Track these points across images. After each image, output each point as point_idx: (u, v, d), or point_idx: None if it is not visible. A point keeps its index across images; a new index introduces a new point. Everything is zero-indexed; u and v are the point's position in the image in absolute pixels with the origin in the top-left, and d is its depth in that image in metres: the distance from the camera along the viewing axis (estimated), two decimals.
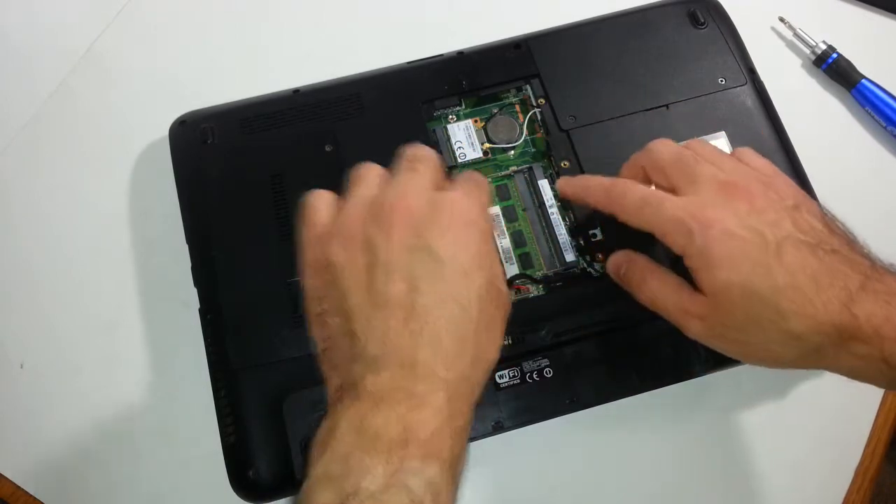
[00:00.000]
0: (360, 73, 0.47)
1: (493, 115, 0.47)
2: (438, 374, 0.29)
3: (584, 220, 0.44)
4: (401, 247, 0.30)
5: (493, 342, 0.32)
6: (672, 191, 0.35)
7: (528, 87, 0.47)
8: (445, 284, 0.30)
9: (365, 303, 0.30)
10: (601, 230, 0.43)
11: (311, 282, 0.32)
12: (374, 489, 0.26)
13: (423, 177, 0.33)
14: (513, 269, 0.43)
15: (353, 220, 0.31)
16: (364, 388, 0.29)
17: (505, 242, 0.43)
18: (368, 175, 0.34)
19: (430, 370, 0.29)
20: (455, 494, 0.29)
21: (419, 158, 0.34)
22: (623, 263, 0.39)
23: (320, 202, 0.33)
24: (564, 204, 0.44)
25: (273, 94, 0.46)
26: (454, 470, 0.29)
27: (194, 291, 0.42)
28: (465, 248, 0.30)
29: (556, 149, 0.45)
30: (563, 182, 0.40)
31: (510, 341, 0.41)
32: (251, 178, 0.44)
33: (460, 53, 0.48)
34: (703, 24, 0.48)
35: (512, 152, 0.46)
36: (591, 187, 0.38)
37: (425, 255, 0.30)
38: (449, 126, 0.46)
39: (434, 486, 0.27)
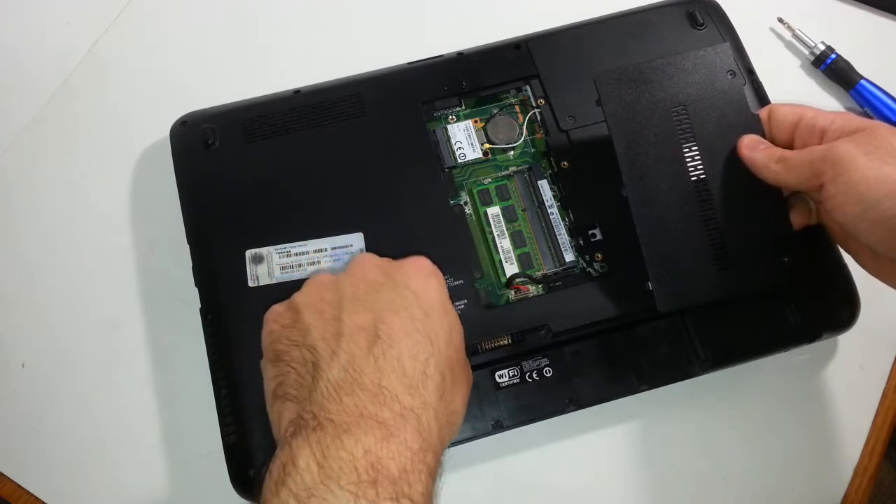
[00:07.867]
0: (360, 74, 0.47)
1: (492, 116, 0.47)
2: (403, 400, 0.28)
3: (584, 220, 0.44)
4: (366, 284, 0.31)
5: (459, 394, 0.31)
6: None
7: (527, 87, 0.47)
8: (410, 318, 0.30)
9: (329, 333, 0.30)
10: (600, 230, 0.43)
11: (271, 326, 0.32)
12: None
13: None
14: (512, 269, 0.43)
15: (321, 276, 0.33)
16: (326, 417, 0.27)
17: (505, 243, 0.44)
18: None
19: (394, 395, 0.28)
20: None
21: None
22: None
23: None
24: (564, 204, 0.44)
25: (274, 94, 0.46)
26: None
27: (195, 291, 0.42)
28: (429, 292, 0.31)
29: (555, 149, 0.45)
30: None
31: (510, 341, 0.41)
32: (252, 178, 0.44)
33: (460, 54, 0.48)
34: (702, 24, 0.48)
35: (512, 153, 0.46)
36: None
37: (390, 290, 0.31)
38: (449, 126, 0.46)
39: None
